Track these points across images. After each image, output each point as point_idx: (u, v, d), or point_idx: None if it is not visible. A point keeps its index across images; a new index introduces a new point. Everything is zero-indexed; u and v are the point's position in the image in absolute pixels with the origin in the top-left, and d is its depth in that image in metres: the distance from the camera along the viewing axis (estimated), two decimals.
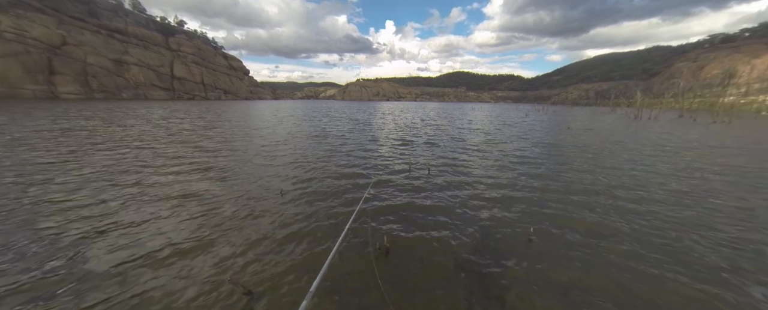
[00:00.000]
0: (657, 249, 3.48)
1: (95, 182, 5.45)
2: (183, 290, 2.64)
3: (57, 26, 61.83)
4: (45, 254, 3.07)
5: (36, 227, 3.61)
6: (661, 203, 4.98)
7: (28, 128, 11.91)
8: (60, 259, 3.01)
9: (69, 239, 3.39)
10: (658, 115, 35.08)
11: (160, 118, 19.18)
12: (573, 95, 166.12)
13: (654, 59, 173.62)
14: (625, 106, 59.91)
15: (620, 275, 2.97)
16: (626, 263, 3.16)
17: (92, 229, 3.64)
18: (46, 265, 2.90)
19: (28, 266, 2.87)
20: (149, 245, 3.37)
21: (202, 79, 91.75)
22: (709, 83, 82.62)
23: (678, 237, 3.76)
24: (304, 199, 4.84)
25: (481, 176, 6.58)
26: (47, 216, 3.92)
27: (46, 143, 8.87)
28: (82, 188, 5.05)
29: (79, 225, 3.71)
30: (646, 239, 3.69)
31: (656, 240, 3.67)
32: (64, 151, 7.76)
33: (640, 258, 3.26)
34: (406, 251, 3.41)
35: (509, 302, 2.56)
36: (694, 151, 10.15)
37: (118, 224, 3.83)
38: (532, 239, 3.69)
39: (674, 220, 4.30)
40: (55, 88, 56.12)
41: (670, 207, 4.80)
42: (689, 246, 3.55)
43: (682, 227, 4.07)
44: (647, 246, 3.53)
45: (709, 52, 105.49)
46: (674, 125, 21.93)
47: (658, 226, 4.07)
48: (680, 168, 7.59)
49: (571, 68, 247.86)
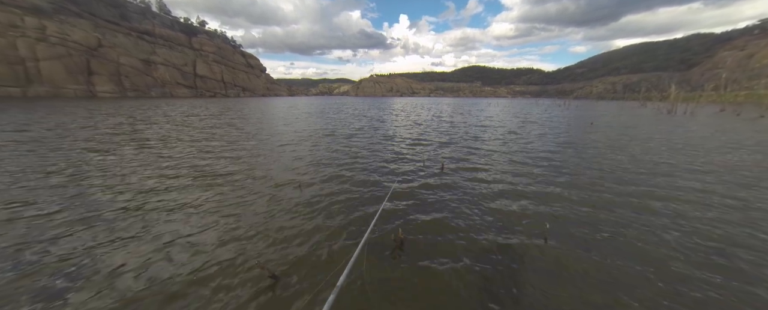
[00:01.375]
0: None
1: (154, 177, 5.97)
2: (216, 270, 2.93)
3: (93, 29, 66.67)
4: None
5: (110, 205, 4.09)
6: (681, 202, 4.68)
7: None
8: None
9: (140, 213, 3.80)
10: (694, 110, 32.22)
11: (185, 115, 20.32)
12: (598, 89, 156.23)
13: (693, 48, 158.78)
14: (658, 100, 55.44)
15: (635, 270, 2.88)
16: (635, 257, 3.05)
17: (150, 208, 4.06)
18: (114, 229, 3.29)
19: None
20: (185, 230, 3.74)
21: (222, 77, 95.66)
22: (759, 74, 74.41)
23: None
24: (328, 196, 5.04)
25: (496, 173, 6.49)
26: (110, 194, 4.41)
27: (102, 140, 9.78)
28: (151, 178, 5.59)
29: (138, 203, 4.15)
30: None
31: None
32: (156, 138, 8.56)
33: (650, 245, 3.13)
34: (421, 244, 3.50)
35: (519, 292, 2.58)
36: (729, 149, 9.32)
37: (165, 206, 4.23)
38: (547, 238, 3.64)
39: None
40: (93, 87, 60.89)
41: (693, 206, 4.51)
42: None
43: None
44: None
45: (760, 38, 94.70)
46: (715, 120, 20.09)
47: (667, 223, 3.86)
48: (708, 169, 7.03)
49: (596, 60, 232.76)
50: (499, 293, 2.67)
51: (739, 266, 3.11)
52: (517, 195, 5.14)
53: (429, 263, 3.11)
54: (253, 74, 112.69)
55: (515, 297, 2.63)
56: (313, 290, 2.60)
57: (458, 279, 2.85)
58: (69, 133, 10.98)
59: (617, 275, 2.94)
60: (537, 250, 3.39)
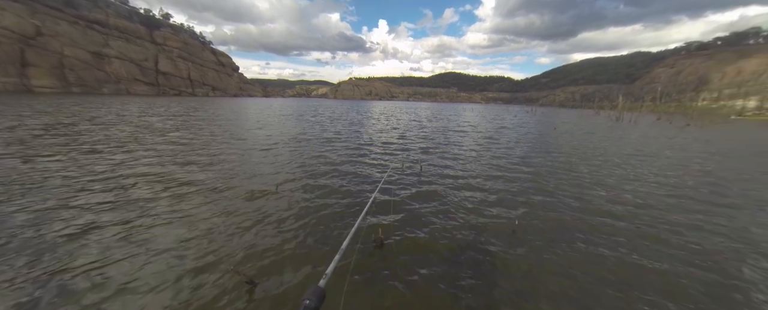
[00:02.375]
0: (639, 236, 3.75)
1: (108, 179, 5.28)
2: (188, 278, 2.70)
3: (31, 15, 58.32)
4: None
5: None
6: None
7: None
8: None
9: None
10: (637, 119, 36.82)
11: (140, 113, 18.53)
12: (560, 97, 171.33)
13: (636, 64, 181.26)
14: (609, 109, 62.47)
15: (602, 258, 3.20)
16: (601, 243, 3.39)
17: (102, 220, 3.57)
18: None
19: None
20: (154, 235, 3.41)
21: (189, 75, 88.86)
22: (685, 88, 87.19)
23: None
24: (305, 204, 4.85)
25: (472, 173, 6.80)
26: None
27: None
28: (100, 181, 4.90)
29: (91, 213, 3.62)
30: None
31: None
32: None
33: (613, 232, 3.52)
34: (401, 243, 3.55)
35: (496, 284, 2.73)
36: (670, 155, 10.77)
37: (120, 219, 3.76)
38: (516, 230, 3.95)
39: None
40: (28, 81, 53.01)
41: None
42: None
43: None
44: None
45: (685, 58, 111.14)
46: (652, 128, 23.09)
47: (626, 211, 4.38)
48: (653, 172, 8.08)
49: (558, 71, 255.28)
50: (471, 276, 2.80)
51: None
52: (490, 192, 5.44)
53: (403, 259, 3.20)
54: (225, 73, 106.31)
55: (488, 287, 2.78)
56: (290, 292, 2.55)
57: (435, 274, 2.95)
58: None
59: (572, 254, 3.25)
60: (507, 241, 3.64)
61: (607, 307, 2.63)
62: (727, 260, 3.44)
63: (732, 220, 4.66)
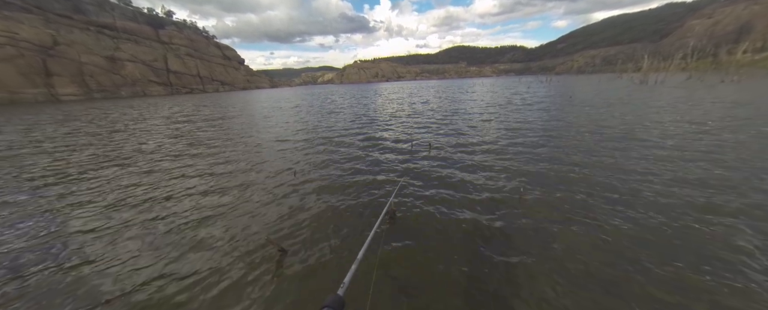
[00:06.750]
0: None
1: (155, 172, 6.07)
2: (228, 244, 3.31)
3: (45, 25, 60.55)
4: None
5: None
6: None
7: None
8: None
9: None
10: (665, 79, 34.11)
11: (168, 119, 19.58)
12: (579, 63, 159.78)
13: (666, 18, 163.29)
14: (632, 72, 57.87)
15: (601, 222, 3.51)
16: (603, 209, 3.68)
17: (160, 196, 4.30)
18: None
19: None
20: (199, 212, 4.07)
21: (198, 72, 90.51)
22: (724, 40, 78.20)
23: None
24: (332, 191, 4.95)
25: (482, 147, 7.05)
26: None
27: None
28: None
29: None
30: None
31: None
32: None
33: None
34: (413, 217, 3.82)
35: (499, 250, 3.14)
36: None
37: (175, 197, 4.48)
38: (525, 197, 4.23)
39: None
40: (54, 90, 56.28)
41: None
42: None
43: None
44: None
45: (725, 5, 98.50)
46: (680, 90, 21.51)
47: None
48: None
49: (576, 34, 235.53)
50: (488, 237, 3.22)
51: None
52: (498, 164, 5.71)
53: (414, 233, 3.39)
54: (231, 67, 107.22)
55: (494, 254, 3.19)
56: (318, 260, 2.92)
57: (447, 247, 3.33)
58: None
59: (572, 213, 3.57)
60: (515, 209, 3.96)
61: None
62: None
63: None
